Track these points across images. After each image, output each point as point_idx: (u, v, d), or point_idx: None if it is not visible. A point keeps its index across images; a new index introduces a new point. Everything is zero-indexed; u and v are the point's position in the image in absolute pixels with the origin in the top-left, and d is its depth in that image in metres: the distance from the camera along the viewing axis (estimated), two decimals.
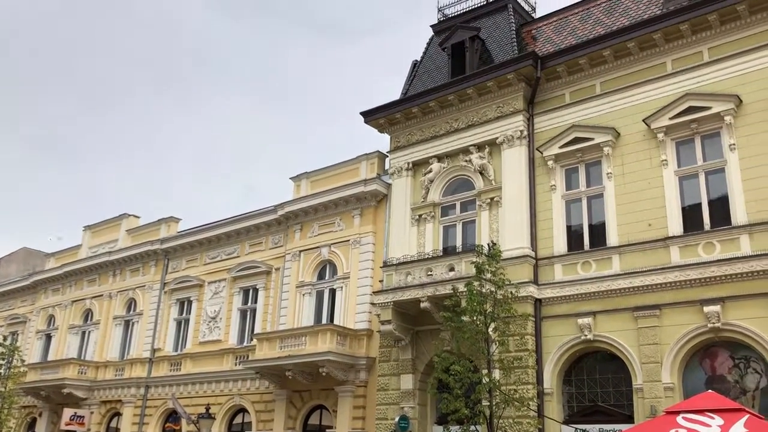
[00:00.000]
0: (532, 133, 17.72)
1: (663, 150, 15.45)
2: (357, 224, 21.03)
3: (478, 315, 14.40)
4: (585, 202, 16.65)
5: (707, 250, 14.32)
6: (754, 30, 14.84)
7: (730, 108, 14.62)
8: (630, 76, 16.50)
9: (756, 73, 14.60)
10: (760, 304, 13.35)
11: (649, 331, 14.50)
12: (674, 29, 15.70)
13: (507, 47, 19.30)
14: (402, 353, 18.02)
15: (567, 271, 16.22)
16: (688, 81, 15.49)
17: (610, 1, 18.56)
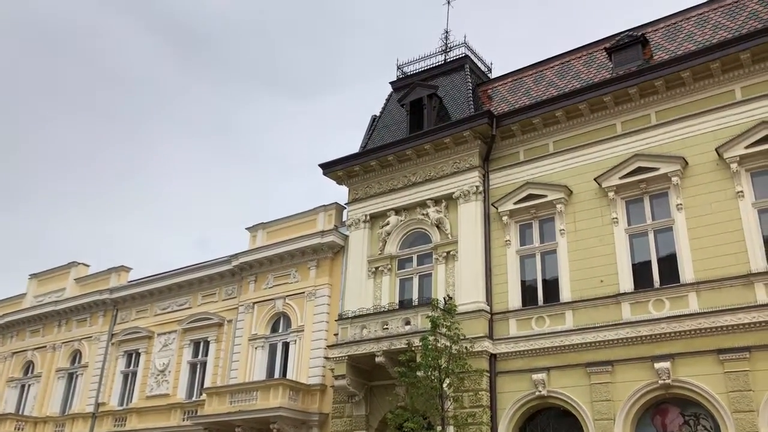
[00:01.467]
0: (487, 189, 18.03)
1: (614, 208, 15.86)
2: (313, 276, 20.86)
3: (433, 370, 14.29)
4: (539, 257, 16.88)
5: (657, 307, 14.59)
6: (698, 96, 15.54)
7: (676, 169, 15.15)
8: (582, 137, 17.03)
9: (700, 136, 15.21)
10: (708, 360, 13.58)
11: (602, 387, 14.58)
12: (623, 93, 16.34)
13: (463, 105, 19.77)
14: (356, 409, 17.69)
15: (521, 326, 16.30)
16: (637, 142, 16.04)
17: (563, 64, 19.27)
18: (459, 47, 21.80)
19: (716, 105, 15.21)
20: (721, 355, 13.43)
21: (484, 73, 22.02)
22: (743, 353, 13.21)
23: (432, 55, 22.28)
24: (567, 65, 19.12)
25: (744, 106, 14.82)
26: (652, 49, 17.24)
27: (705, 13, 17.20)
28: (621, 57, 17.43)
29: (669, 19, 17.81)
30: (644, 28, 17.93)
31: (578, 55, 19.15)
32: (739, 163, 14.42)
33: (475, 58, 21.81)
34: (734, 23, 16.11)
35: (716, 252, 14.18)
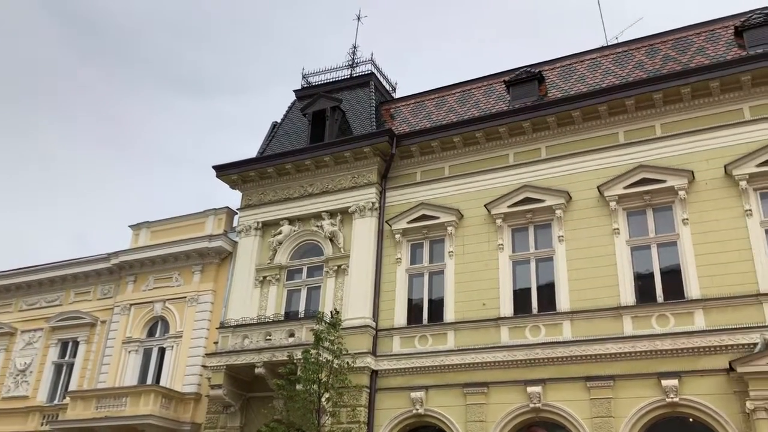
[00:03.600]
0: (383, 206, 18.20)
1: (500, 235, 16.42)
2: (197, 281, 20.19)
3: (312, 384, 14.16)
4: (427, 277, 17.18)
5: (534, 333, 15.19)
6: (585, 135, 16.42)
7: (561, 203, 15.91)
8: (476, 164, 17.56)
9: (583, 174, 16.05)
10: (577, 387, 14.24)
11: (477, 408, 14.96)
12: (518, 125, 17.02)
13: (366, 121, 19.92)
14: (230, 420, 17.20)
15: (405, 344, 16.48)
16: (527, 174, 16.72)
17: (464, 92, 19.85)
18: (366, 64, 22.01)
19: (602, 145, 16.14)
20: (588, 382, 14.13)
21: (388, 92, 22.31)
22: (608, 381, 13.96)
23: (338, 69, 22.37)
24: (468, 93, 19.71)
25: (625, 149, 15.82)
26: (547, 87, 18.10)
27: (597, 58, 18.28)
28: (518, 91, 18.18)
29: (565, 60, 18.78)
30: (542, 66, 18.80)
31: (479, 84, 19.79)
32: (618, 201, 15.36)
33: (380, 76, 22.06)
34: (622, 71, 17.22)
35: (592, 284, 14.94)
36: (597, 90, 16.59)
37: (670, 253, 14.71)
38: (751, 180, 14.30)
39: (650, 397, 13.55)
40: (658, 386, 13.48)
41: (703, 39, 16.88)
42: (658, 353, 13.78)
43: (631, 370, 13.90)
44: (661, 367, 13.64)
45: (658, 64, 16.79)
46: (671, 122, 15.64)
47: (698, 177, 14.78)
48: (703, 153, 14.98)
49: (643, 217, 15.26)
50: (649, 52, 17.42)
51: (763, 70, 14.71)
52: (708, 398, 13.08)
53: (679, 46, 17.05)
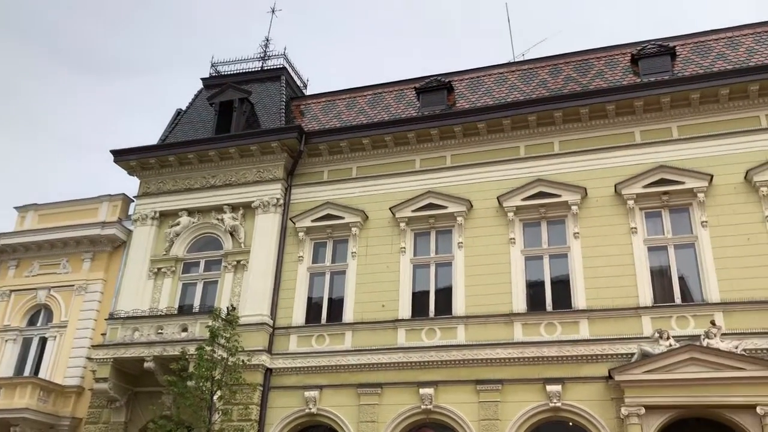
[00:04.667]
0: (287, 203, 18.04)
1: (403, 238, 16.68)
2: (86, 269, 19.25)
3: (205, 381, 13.85)
4: (328, 276, 17.18)
5: (429, 336, 15.52)
6: (488, 147, 16.95)
7: (463, 210, 16.35)
8: (383, 167, 17.74)
9: (484, 184, 16.52)
10: (467, 390, 14.67)
11: (369, 408, 15.12)
12: (425, 132, 17.35)
13: (275, 116, 19.69)
14: (114, 415, 16.53)
15: (302, 343, 16.42)
16: (432, 180, 17.06)
17: (375, 95, 20.01)
18: (278, 58, 21.76)
19: (503, 157, 16.72)
20: (478, 385, 14.60)
21: (299, 88, 22.15)
22: (497, 385, 14.48)
23: (249, 60, 22.01)
24: (379, 96, 19.89)
25: (525, 162, 16.46)
26: (455, 97, 18.56)
27: (504, 73, 18.93)
28: (428, 98, 18.54)
29: (474, 72, 19.32)
30: (452, 76, 19.25)
31: (390, 89, 20.01)
32: (516, 212, 15.96)
33: (292, 72, 21.87)
34: (527, 87, 17.92)
35: (486, 291, 15.45)
36: (502, 104, 17.19)
37: (561, 265, 15.44)
38: (638, 200, 15.22)
39: (535, 402, 14.16)
40: (543, 391, 14.12)
41: (602, 63, 17.84)
42: (544, 359, 14.43)
43: (519, 375, 14.48)
44: (546, 373, 14.28)
45: (560, 84, 17.59)
46: (569, 140, 16.41)
47: (591, 193, 15.60)
48: (597, 171, 15.82)
49: (538, 229, 15.93)
50: (553, 72, 18.22)
51: (654, 97, 15.71)
52: (587, 404, 13.83)
53: (581, 68, 17.94)
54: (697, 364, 13.06)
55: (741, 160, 14.87)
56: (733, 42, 16.96)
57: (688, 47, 17.26)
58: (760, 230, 14.22)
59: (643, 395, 13.17)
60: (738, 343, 13.12)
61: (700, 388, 12.90)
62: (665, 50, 16.97)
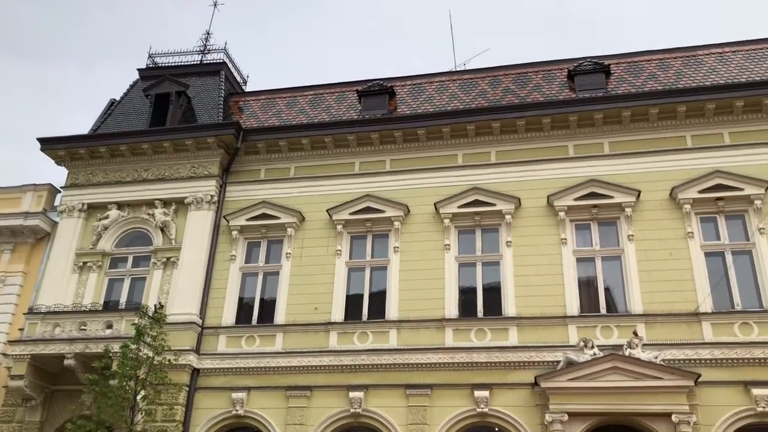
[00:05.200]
0: (222, 201, 17.72)
1: (339, 240, 16.62)
2: (5, 260, 18.35)
3: (129, 380, 13.43)
4: (261, 277, 16.95)
5: (361, 339, 15.50)
6: (427, 153, 17.09)
7: (400, 215, 16.43)
8: (322, 168, 17.65)
9: (422, 190, 16.65)
10: (397, 394, 14.72)
11: (298, 411, 14.98)
12: (366, 136, 17.36)
13: (212, 111, 19.32)
14: (29, 414, 15.82)
15: (231, 344, 16.13)
16: (371, 184, 17.07)
17: (316, 95, 19.90)
18: (218, 52, 21.39)
19: (441, 165, 16.89)
20: (408, 390, 14.67)
21: (239, 84, 21.82)
22: (426, 390, 14.59)
23: (188, 53, 21.55)
24: (320, 97, 19.78)
25: (462, 170, 16.68)
26: (397, 102, 18.66)
27: (445, 81, 19.16)
28: (369, 102, 18.57)
29: (416, 78, 19.47)
30: (394, 81, 19.34)
31: (332, 90, 19.95)
32: (452, 219, 16.15)
33: (232, 67, 21.53)
34: (467, 96, 18.18)
35: (420, 295, 15.54)
36: (443, 112, 17.38)
37: (494, 272, 15.70)
38: (569, 212, 15.64)
39: (463, 407, 14.33)
40: (471, 397, 14.31)
41: (540, 77, 18.28)
42: (473, 365, 14.62)
43: (448, 380, 14.62)
44: (475, 379, 14.48)
45: (499, 95, 17.93)
46: (506, 150, 16.73)
47: (524, 204, 15.93)
48: (531, 182, 16.17)
49: (473, 236, 16.16)
50: (492, 83, 18.56)
51: (588, 113, 16.19)
52: (513, 410, 14.10)
53: (519, 81, 18.33)
54: (619, 373, 13.51)
55: (667, 177, 15.47)
56: (664, 64, 17.68)
57: (622, 66, 17.88)
58: (682, 246, 14.83)
59: (567, 402, 13.53)
60: (658, 353, 13.64)
61: (621, 396, 13.34)
62: (600, 68, 17.53)
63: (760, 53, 17.16)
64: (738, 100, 15.49)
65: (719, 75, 16.73)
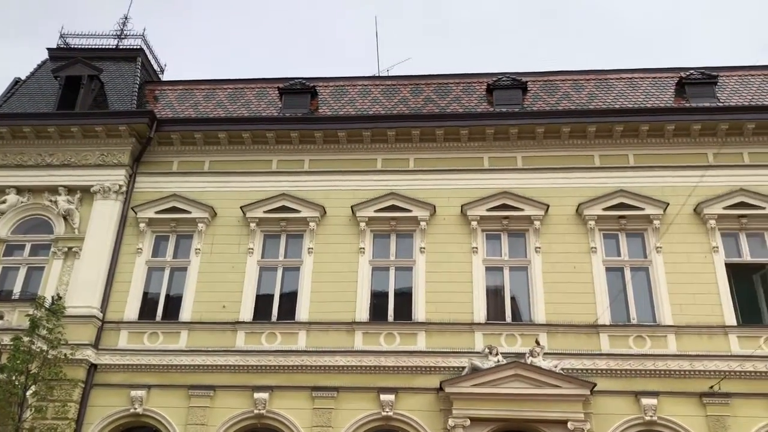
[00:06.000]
0: (130, 191, 17.08)
1: (252, 239, 16.35)
2: None
3: (19, 375, 12.70)
4: (168, 272, 16.45)
5: (269, 340, 15.29)
6: (346, 156, 17.10)
7: (316, 216, 16.34)
8: (238, 164, 17.33)
9: (337, 192, 16.63)
10: (303, 396, 14.61)
11: (200, 411, 14.60)
12: (285, 134, 17.18)
13: (126, 98, 18.61)
14: None
15: (133, 340, 15.56)
16: (288, 183, 16.89)
17: (236, 89, 19.54)
18: (136, 38, 20.65)
19: (360, 168, 16.94)
20: (314, 392, 14.58)
21: (156, 73, 21.14)
22: (332, 392, 14.55)
23: (104, 36, 20.75)
24: (240, 92, 19.43)
25: (381, 175, 16.78)
26: (319, 102, 18.57)
27: (368, 86, 19.25)
28: (291, 100, 18.40)
29: (339, 80, 19.44)
30: (317, 81, 19.24)
31: (252, 85, 19.64)
32: (368, 223, 16.20)
33: (149, 54, 20.84)
34: (389, 102, 18.33)
35: (331, 298, 15.50)
36: (364, 116, 17.44)
37: (406, 277, 15.86)
38: (481, 222, 16.02)
39: (368, 410, 14.37)
40: (377, 400, 14.37)
41: (460, 89, 18.66)
42: (381, 369, 14.70)
43: (355, 383, 14.63)
44: (381, 383, 14.56)
45: (420, 103, 18.17)
46: (423, 158, 16.96)
47: (439, 212, 16.19)
48: (447, 191, 16.46)
49: (387, 241, 16.28)
50: (414, 91, 18.79)
51: (504, 127, 16.65)
52: (418, 414, 14.26)
53: (440, 91, 18.65)
54: (520, 380, 13.93)
55: (575, 193, 16.12)
56: (577, 85, 18.43)
57: (538, 84, 18.51)
58: (586, 260, 15.48)
59: (470, 407, 13.82)
60: (558, 362, 14.16)
61: (521, 403, 13.75)
62: (518, 84, 18.08)
63: (665, 81, 18.17)
64: (643, 124, 16.34)
65: (627, 99, 17.61)
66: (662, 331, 14.62)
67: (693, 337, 14.50)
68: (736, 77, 18.16)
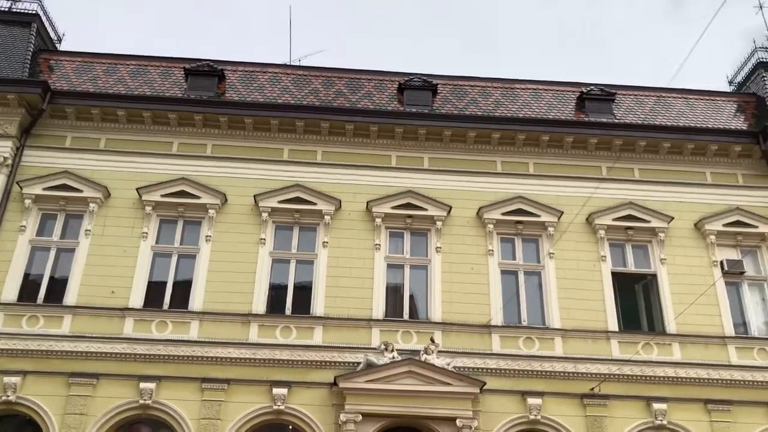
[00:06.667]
0: (17, 164, 15.97)
1: (147, 223, 15.71)
2: None
3: None
4: (53, 253, 15.52)
5: (159, 328, 14.73)
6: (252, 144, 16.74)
7: (216, 203, 15.89)
8: (137, 144, 16.59)
9: (240, 180, 16.24)
10: (190, 387, 14.17)
11: (80, 399, 13.88)
12: (189, 116, 16.60)
13: (17, 66, 17.38)
14: None
15: (10, 323, 14.56)
16: (188, 168, 16.32)
17: (140, 66, 18.65)
18: (32, 2, 19.27)
19: (264, 157, 16.61)
20: (204, 383, 14.19)
21: (52, 40, 19.84)
22: (223, 384, 14.21)
23: None
24: (143, 69, 18.57)
25: (286, 166, 16.55)
26: (227, 86, 18.06)
27: (279, 74, 18.87)
28: (197, 82, 17.77)
29: (249, 66, 18.95)
30: (225, 65, 18.65)
31: (157, 63, 18.79)
32: (270, 214, 15.90)
33: (46, 21, 19.51)
34: (299, 92, 18.07)
35: (228, 288, 15.14)
36: (273, 104, 17.12)
37: (307, 271, 15.71)
38: (386, 219, 16.11)
39: (259, 403, 14.14)
40: (269, 393, 14.16)
41: (372, 85, 18.68)
42: (275, 362, 14.49)
43: (247, 376, 14.35)
44: (275, 376, 14.36)
45: (331, 96, 18.04)
46: (331, 152, 16.86)
47: (345, 207, 16.14)
48: (353, 186, 16.44)
49: (290, 233, 16.07)
50: (326, 83, 18.63)
51: (413, 127, 16.81)
52: (310, 408, 14.17)
53: (352, 86, 18.58)
54: (413, 377, 14.11)
55: (477, 197, 16.50)
56: (485, 92, 18.87)
57: (448, 88, 18.81)
58: (482, 262, 15.89)
59: (362, 403, 13.86)
60: (450, 360, 14.46)
61: (413, 400, 13.94)
62: (428, 86, 18.30)
63: (567, 95, 18.92)
64: (544, 134, 16.96)
65: (531, 109, 18.21)
66: (550, 334, 15.23)
67: (578, 340, 15.19)
68: (632, 96, 19.18)
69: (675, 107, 18.83)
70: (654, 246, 16.36)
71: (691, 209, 16.68)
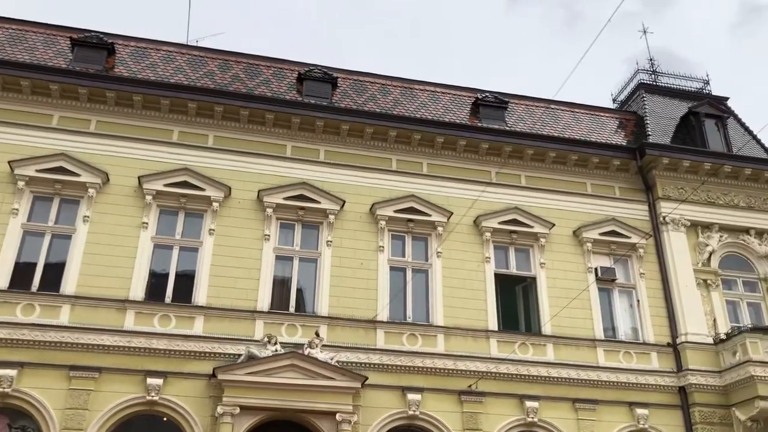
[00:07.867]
0: None
1: (19, 199, 14.66)
2: None
3: None
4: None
5: (26, 312, 13.77)
6: (137, 122, 15.99)
7: (97, 182, 15.04)
8: (12, 114, 15.43)
9: (123, 160, 15.47)
10: (56, 374, 13.34)
11: None
12: (73, 89, 15.62)
13: None
14: None
15: None
16: (66, 143, 15.30)
17: (19, 32, 17.32)
18: None
19: (152, 137, 15.91)
20: (72, 371, 13.40)
21: None
22: (94, 373, 13.48)
23: None
24: (23, 36, 17.23)
25: (175, 149, 15.92)
26: (116, 61, 17.14)
27: (173, 53, 18.08)
28: (84, 54, 16.73)
29: (142, 41, 18.08)
30: (115, 38, 17.65)
31: (40, 30, 17.53)
32: (155, 197, 15.27)
33: None
34: (194, 74, 17.41)
35: (104, 272, 14.39)
36: (165, 83, 16.41)
37: (192, 259, 15.18)
38: (277, 210, 15.81)
39: (132, 394, 13.53)
40: (143, 384, 13.58)
41: (271, 73, 18.31)
42: (152, 351, 13.90)
43: (120, 365, 13.70)
44: (150, 366, 13.77)
45: (227, 80, 17.51)
46: (224, 137, 16.35)
47: (235, 195, 15.71)
48: (244, 174, 15.94)
49: (174, 218, 15.47)
50: (222, 66, 18.08)
51: (311, 118, 16.63)
52: (186, 400, 13.69)
53: (250, 71, 18.14)
54: (295, 370, 13.94)
55: (370, 193, 16.52)
56: (385, 89, 18.96)
57: (348, 82, 18.75)
58: (373, 258, 15.95)
59: (241, 396, 13.54)
60: (334, 354, 14.39)
61: (294, 393, 13.76)
62: (328, 78, 18.15)
63: (463, 99, 19.35)
64: (439, 136, 17.26)
65: (428, 110, 18.47)
66: (433, 331, 15.51)
67: (459, 338, 15.56)
68: (524, 105, 19.88)
69: (562, 119, 19.71)
70: (535, 250, 17.02)
71: (571, 217, 17.51)
